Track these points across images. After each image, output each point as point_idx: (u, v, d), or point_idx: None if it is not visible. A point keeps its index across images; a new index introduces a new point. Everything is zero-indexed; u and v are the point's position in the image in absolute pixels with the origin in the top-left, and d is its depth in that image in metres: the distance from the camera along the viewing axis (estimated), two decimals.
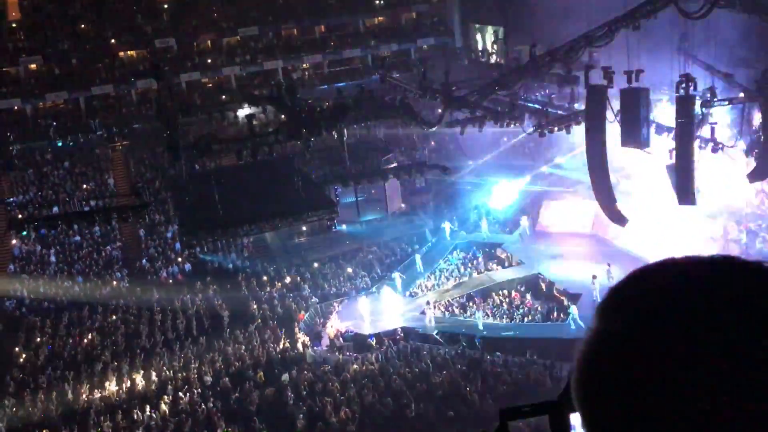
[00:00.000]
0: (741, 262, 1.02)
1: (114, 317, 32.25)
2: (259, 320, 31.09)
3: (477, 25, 47.76)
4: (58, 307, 33.21)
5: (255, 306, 32.16)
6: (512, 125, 31.46)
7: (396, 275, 34.00)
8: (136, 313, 32.40)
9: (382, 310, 31.67)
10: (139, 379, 27.39)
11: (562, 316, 29.84)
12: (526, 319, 30.54)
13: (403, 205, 41.38)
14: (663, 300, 0.99)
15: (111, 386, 27.12)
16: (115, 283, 35.20)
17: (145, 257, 37.29)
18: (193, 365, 28.07)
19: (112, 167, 41.18)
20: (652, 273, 1.05)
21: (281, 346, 29.28)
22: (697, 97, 24.63)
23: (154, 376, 27.54)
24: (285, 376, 26.78)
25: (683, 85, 23.84)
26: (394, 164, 40.10)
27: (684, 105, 23.78)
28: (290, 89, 35.81)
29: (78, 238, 38.30)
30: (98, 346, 30.12)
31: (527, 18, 36.87)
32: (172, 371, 27.84)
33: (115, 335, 30.79)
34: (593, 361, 1.01)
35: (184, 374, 27.57)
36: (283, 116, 34.27)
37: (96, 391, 26.90)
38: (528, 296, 31.88)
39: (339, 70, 48.53)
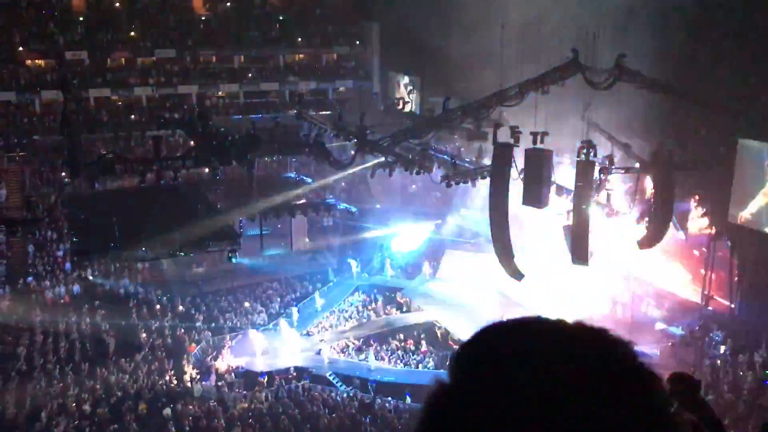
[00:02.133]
0: (577, 328, 1.09)
1: None
2: (147, 350, 29.97)
3: (394, 73, 48.69)
4: None
5: (144, 335, 31.01)
6: (421, 173, 32.00)
7: (293, 310, 33.66)
8: (15, 333, 30.59)
9: (276, 348, 31.16)
10: (11, 404, 25.75)
11: None
12: (420, 365, 30.71)
13: (308, 242, 41.15)
14: (494, 361, 1.05)
15: None
16: None
17: (31, 275, 35.41)
18: (71, 392, 26.67)
19: (5, 178, 39.20)
20: (492, 334, 1.15)
21: (168, 378, 28.28)
22: (597, 164, 25.81)
23: (27, 402, 25.97)
24: (167, 410, 25.79)
25: (584, 151, 24.97)
26: (303, 201, 39.92)
27: (583, 170, 24.86)
28: (203, 115, 35.33)
29: None
30: None
31: (443, 70, 37.90)
32: (48, 397, 26.34)
33: None
34: (429, 412, 1.06)
35: (61, 401, 26.14)
36: (192, 142, 33.69)
37: None
38: (423, 343, 32.12)
39: (255, 102, 48.25)
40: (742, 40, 27.79)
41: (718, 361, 27.88)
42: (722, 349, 28.48)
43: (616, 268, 33.50)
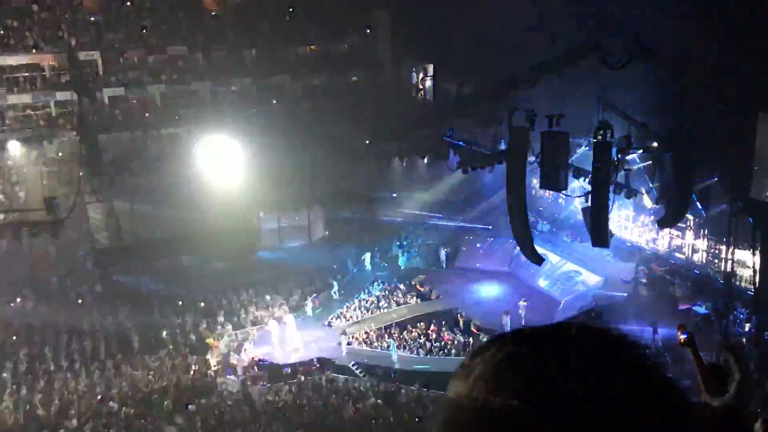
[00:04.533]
0: (589, 332, 1.06)
1: (15, 337, 30.68)
2: (171, 346, 30.19)
3: (407, 61, 48.43)
4: None
5: (167, 331, 31.24)
6: (437, 160, 31.93)
7: (309, 300, 33.81)
8: (41, 334, 30.96)
9: (298, 339, 31.28)
10: (39, 404, 26.07)
11: None
12: (441, 353, 30.68)
13: (326, 234, 41.22)
14: (512, 371, 1.01)
15: (7, 411, 25.70)
16: (19, 301, 33.58)
17: (54, 276, 35.77)
18: (98, 391, 26.96)
19: (24, 180, 39.60)
20: (498, 345, 1.07)
21: (192, 373, 28.48)
22: (614, 144, 25.56)
23: (55, 401, 26.29)
24: (192, 406, 25.99)
25: (601, 132, 24.73)
26: (320, 193, 39.98)
27: (601, 151, 24.64)
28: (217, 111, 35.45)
29: None
30: None
31: (456, 56, 37.65)
32: (75, 396, 26.64)
33: (16, 356, 29.29)
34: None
35: (88, 400, 26.42)
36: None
37: None
38: (444, 330, 32.07)
39: (268, 95, 48.20)
40: (759, 12, 27.23)
41: (744, 339, 27.62)
42: (747, 327, 28.21)
43: (638, 248, 33.30)
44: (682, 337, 5.69)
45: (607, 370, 0.99)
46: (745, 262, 29.63)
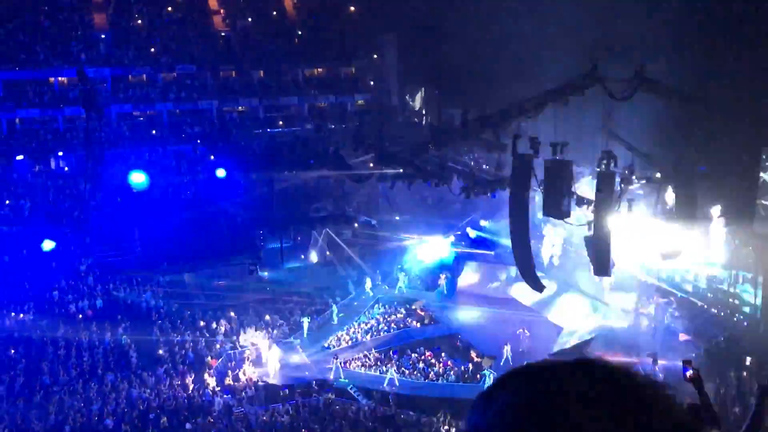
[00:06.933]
0: (598, 369, 1.06)
1: (14, 351, 30.60)
2: (169, 363, 30.09)
3: (413, 86, 48.77)
4: None
5: (166, 348, 31.15)
6: (440, 185, 32.00)
7: (305, 320, 33.66)
8: (39, 348, 30.87)
9: (297, 361, 31.19)
10: (34, 418, 25.93)
11: (478, 377, 30.02)
12: (440, 378, 30.54)
13: (328, 254, 41.21)
14: (524, 410, 1.02)
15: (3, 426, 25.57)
16: (20, 315, 33.53)
17: (55, 290, 35.74)
18: (94, 406, 26.83)
19: (29, 194, 39.77)
20: (517, 380, 1.08)
21: (189, 392, 28.35)
22: (617, 174, 25.61)
23: (51, 416, 26.15)
24: (189, 425, 25.85)
25: (604, 161, 24.79)
26: (323, 213, 40.06)
27: (604, 180, 24.67)
28: (224, 130, 35.71)
29: None
30: None
31: (461, 82, 37.90)
32: (71, 412, 26.51)
33: (15, 370, 29.19)
34: None
35: (84, 416, 26.28)
36: (212, 156, 33.99)
37: None
38: (443, 355, 31.95)
39: (274, 115, 48.57)
40: (764, 47, 27.36)
41: (744, 372, 27.45)
42: (748, 360, 28.04)
43: (639, 278, 33.22)
44: (688, 373, 5.65)
45: (633, 412, 0.99)
46: (748, 294, 29.55)
